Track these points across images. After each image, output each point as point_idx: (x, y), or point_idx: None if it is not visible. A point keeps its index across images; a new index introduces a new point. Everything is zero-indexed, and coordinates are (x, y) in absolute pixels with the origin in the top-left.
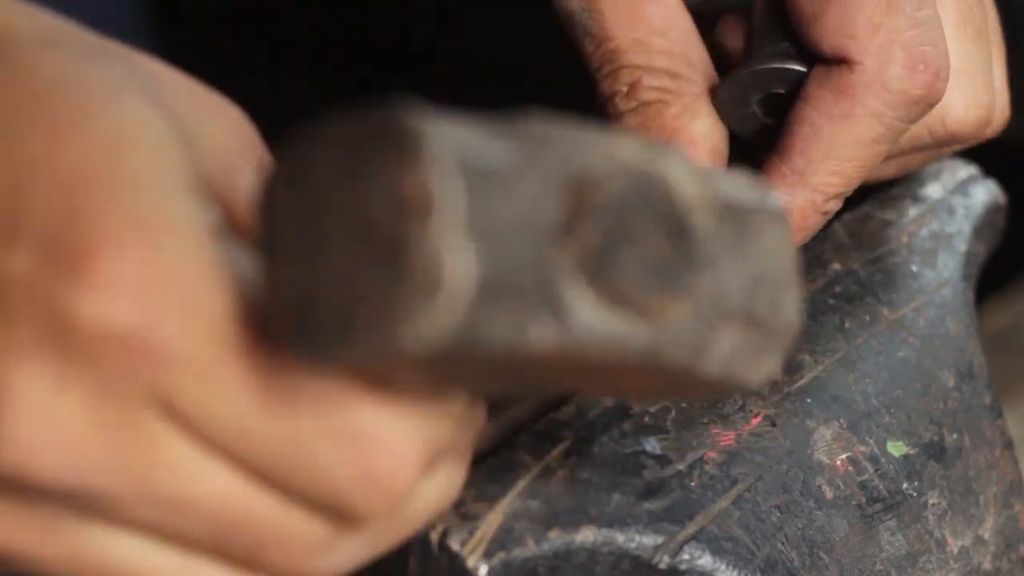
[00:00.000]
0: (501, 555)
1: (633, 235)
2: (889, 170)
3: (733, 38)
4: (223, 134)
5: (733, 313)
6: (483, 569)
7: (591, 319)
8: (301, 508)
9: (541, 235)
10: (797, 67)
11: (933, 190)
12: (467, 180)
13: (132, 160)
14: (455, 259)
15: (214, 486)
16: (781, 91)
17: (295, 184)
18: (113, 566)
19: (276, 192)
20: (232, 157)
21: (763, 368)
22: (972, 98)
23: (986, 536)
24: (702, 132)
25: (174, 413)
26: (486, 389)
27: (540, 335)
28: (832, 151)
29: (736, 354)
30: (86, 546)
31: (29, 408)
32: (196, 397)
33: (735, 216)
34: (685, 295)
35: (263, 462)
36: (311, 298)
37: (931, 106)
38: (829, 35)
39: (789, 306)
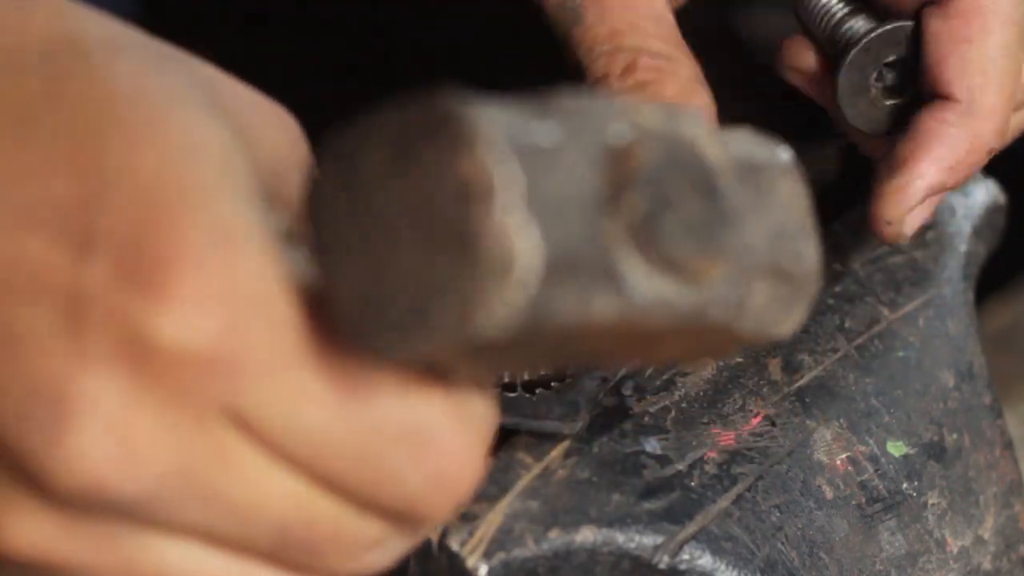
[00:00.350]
0: (501, 555)
1: (672, 199)
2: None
3: (804, 54)
4: (277, 140)
5: (762, 268)
6: (483, 569)
7: (645, 286)
8: (366, 512)
9: (592, 208)
10: (902, 23)
11: None
12: (520, 159)
13: (203, 169)
14: (522, 238)
15: (281, 493)
16: (893, 58)
17: (343, 181)
18: (167, 573)
19: (324, 191)
20: (285, 163)
21: (792, 318)
22: None
23: (986, 536)
24: (700, 109)
25: (245, 423)
26: (529, 367)
27: (603, 307)
28: (988, 70)
29: (768, 307)
30: (141, 555)
31: (100, 421)
32: (270, 407)
33: (751, 173)
34: (722, 254)
35: (335, 468)
36: (377, 292)
37: None
38: None
39: (810, 255)
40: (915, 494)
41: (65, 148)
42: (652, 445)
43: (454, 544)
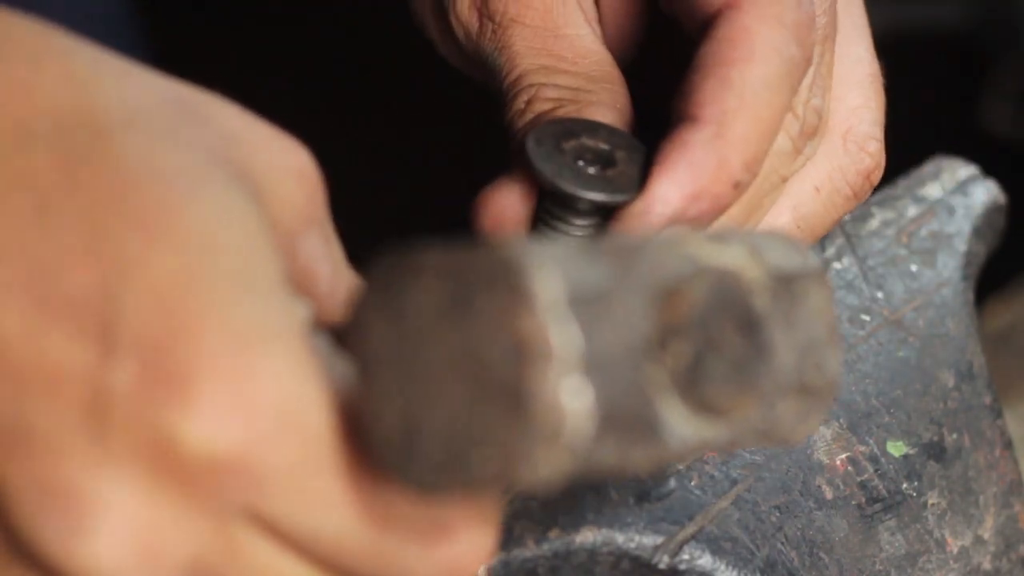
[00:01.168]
0: (501, 555)
1: (717, 342)
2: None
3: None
4: (294, 192)
5: (790, 388)
6: (483, 569)
7: (684, 431)
8: None
9: (640, 355)
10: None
11: (933, 190)
12: (578, 316)
13: (223, 265)
14: (576, 403)
15: None
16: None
17: (391, 311)
18: None
19: (368, 316)
20: (300, 221)
21: (810, 426)
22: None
23: (986, 536)
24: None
25: (265, 525)
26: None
27: (642, 456)
28: (745, 96)
29: (790, 417)
30: None
31: (118, 525)
32: (290, 512)
33: (785, 285)
34: (757, 389)
35: (352, 568)
36: (417, 429)
37: (809, 60)
38: None
39: (833, 364)
40: (915, 494)
41: (84, 238)
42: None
43: None
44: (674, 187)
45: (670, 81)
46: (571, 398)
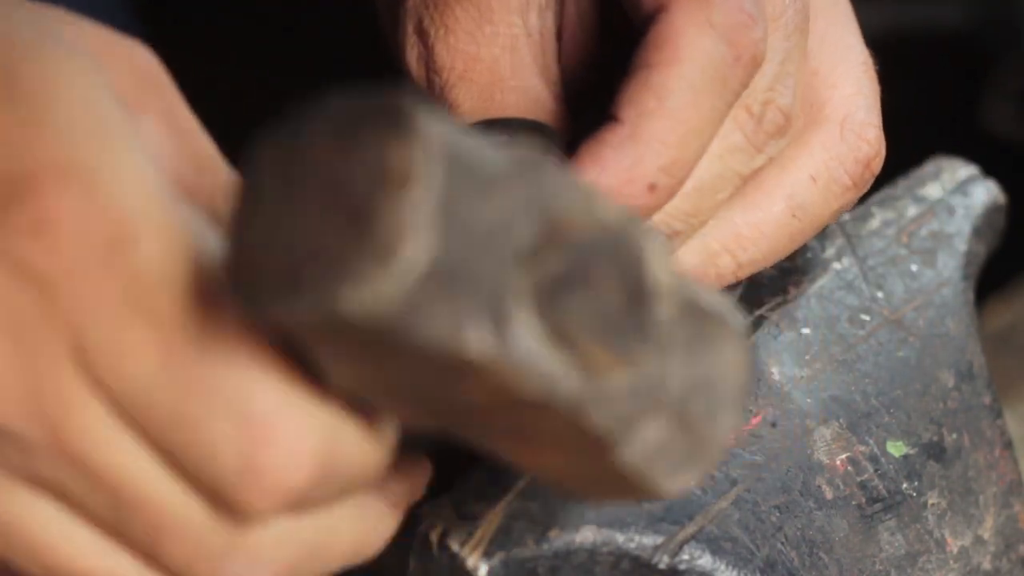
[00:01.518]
0: (501, 555)
1: (593, 281)
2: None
3: None
4: (122, 81)
5: (667, 404)
6: (483, 569)
7: (530, 346)
8: (191, 491)
9: (506, 248)
10: None
11: (933, 190)
12: (451, 170)
13: (64, 109)
14: (416, 235)
15: (117, 455)
16: None
17: (286, 148)
18: (26, 530)
19: (265, 153)
20: (133, 107)
21: (679, 478)
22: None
23: (986, 536)
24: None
25: (88, 366)
26: (408, 406)
27: (475, 340)
28: (664, 99)
29: (657, 451)
30: (4, 507)
31: None
32: (106, 348)
33: (696, 317)
34: (627, 362)
35: (159, 428)
36: (268, 249)
37: (754, 59)
38: None
39: (723, 424)
40: (915, 494)
41: None
42: None
43: (454, 544)
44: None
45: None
46: (413, 229)
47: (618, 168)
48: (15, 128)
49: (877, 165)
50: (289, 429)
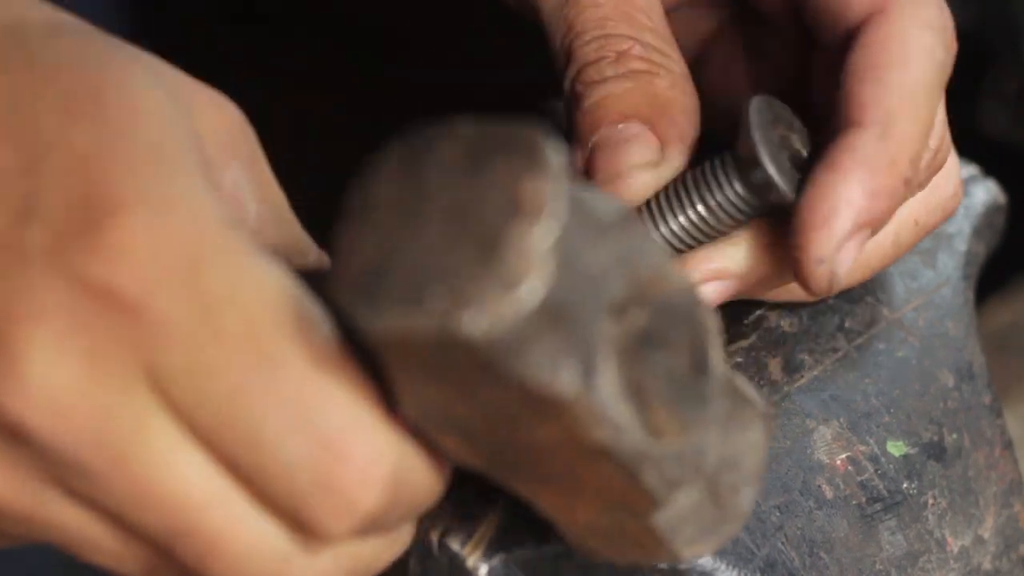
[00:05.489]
0: (501, 555)
1: (671, 344)
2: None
3: None
4: (217, 127)
5: (704, 474)
6: (483, 569)
7: (609, 395)
8: (264, 512)
9: (603, 296)
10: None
11: None
12: (574, 209)
13: (144, 135)
14: (541, 268)
15: (186, 477)
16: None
17: (408, 168)
18: (64, 530)
19: (384, 171)
20: (221, 151)
21: (698, 547)
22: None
23: (986, 536)
24: (691, 107)
25: (161, 388)
26: (465, 444)
27: (566, 382)
28: (905, 96)
29: (688, 517)
30: (46, 507)
31: (39, 366)
32: (183, 370)
33: (735, 400)
34: (684, 429)
35: (234, 448)
36: (387, 266)
37: (953, 64)
38: None
39: (746, 498)
40: (915, 494)
41: (2, 124)
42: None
43: (454, 544)
44: (855, 187)
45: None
46: (541, 260)
47: (879, 167)
48: (96, 146)
49: (955, 212)
50: (366, 450)
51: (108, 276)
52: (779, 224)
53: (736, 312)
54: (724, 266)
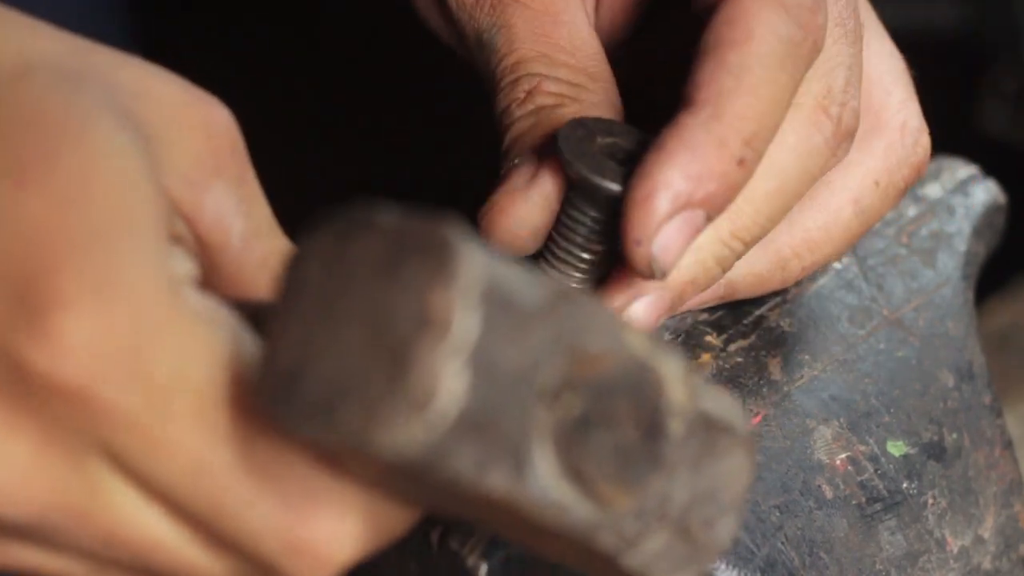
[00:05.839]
0: (501, 555)
1: (611, 420)
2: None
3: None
4: (201, 148)
5: (670, 520)
6: (483, 569)
7: (546, 484)
8: (231, 562)
9: (531, 390)
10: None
11: (933, 190)
12: (489, 312)
13: (97, 211)
14: (450, 385)
15: (149, 530)
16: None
17: (325, 267)
18: (43, 569)
19: (304, 263)
20: (203, 173)
21: (681, 573)
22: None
23: (986, 536)
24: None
25: (119, 463)
26: (424, 503)
27: (496, 482)
28: (742, 76)
29: (660, 556)
30: (24, 561)
31: None
32: (138, 452)
33: (706, 430)
34: (638, 491)
35: (199, 515)
36: (305, 370)
37: (816, 44)
38: None
39: (724, 531)
40: (915, 494)
41: None
42: None
43: (454, 544)
44: (675, 170)
45: (666, 63)
46: (448, 381)
47: (705, 149)
48: (45, 219)
49: (925, 169)
50: (331, 509)
51: (51, 367)
52: None
53: (736, 312)
54: (640, 283)
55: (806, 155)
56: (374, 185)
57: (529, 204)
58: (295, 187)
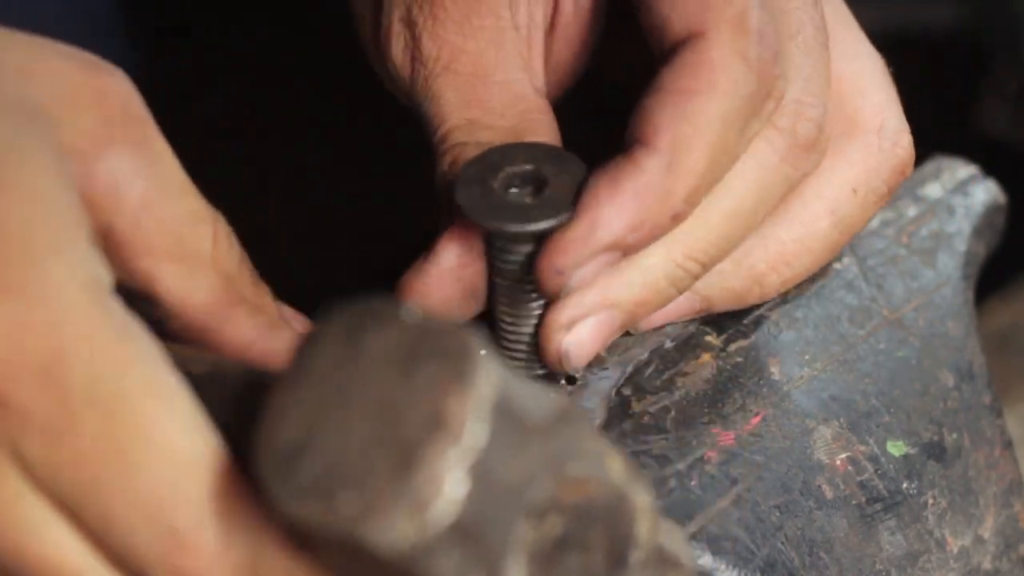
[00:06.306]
0: None
1: (585, 545)
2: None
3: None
4: (93, 118)
5: None
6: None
7: None
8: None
9: (520, 505)
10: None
11: (933, 190)
12: (497, 424)
13: (16, 216)
14: (452, 491)
15: (56, 544)
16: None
17: (349, 340)
18: None
19: (318, 344)
20: (93, 143)
21: None
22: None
23: (986, 536)
24: None
25: (28, 471)
26: None
27: None
28: (702, 127)
29: None
30: None
31: None
32: (43, 459)
33: (659, 563)
34: None
35: (93, 529)
36: (307, 450)
37: (777, 95)
38: (685, 9)
39: None
40: (915, 494)
41: None
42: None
43: None
44: (619, 215)
45: (630, 89)
46: (451, 484)
47: (652, 198)
48: None
49: (910, 170)
50: (213, 548)
51: None
52: None
53: (736, 312)
54: (588, 303)
55: (761, 172)
56: (374, 185)
57: (424, 270)
58: (295, 187)
